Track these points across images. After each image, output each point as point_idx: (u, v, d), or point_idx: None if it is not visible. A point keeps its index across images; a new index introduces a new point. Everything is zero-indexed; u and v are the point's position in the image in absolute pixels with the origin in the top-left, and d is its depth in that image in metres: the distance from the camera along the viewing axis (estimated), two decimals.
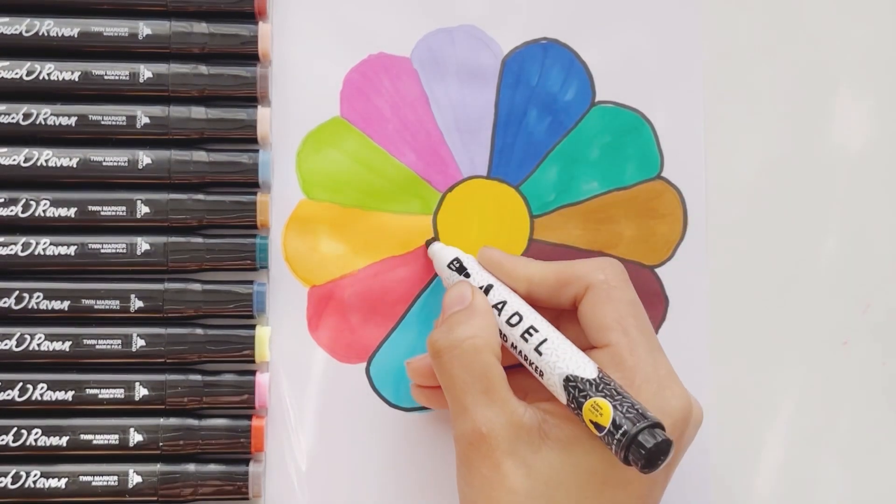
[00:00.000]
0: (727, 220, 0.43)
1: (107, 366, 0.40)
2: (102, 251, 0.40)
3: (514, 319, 0.36)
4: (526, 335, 0.36)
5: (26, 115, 0.41)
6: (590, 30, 0.43)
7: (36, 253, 0.40)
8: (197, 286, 0.41)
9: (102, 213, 0.41)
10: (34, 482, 0.39)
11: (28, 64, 0.41)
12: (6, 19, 0.41)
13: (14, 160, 0.41)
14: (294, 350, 0.42)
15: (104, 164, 0.41)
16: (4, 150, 0.41)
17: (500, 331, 0.37)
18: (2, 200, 0.40)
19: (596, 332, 0.36)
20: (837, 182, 0.44)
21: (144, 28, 0.41)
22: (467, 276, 0.39)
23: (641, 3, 0.44)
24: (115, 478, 0.39)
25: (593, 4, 0.44)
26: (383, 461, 0.41)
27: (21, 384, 0.40)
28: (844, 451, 0.42)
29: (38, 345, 0.40)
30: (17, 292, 0.40)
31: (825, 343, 0.43)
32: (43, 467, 0.39)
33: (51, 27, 0.41)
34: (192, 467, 0.40)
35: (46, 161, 0.41)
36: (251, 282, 0.41)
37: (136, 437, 0.40)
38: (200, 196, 0.41)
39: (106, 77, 0.41)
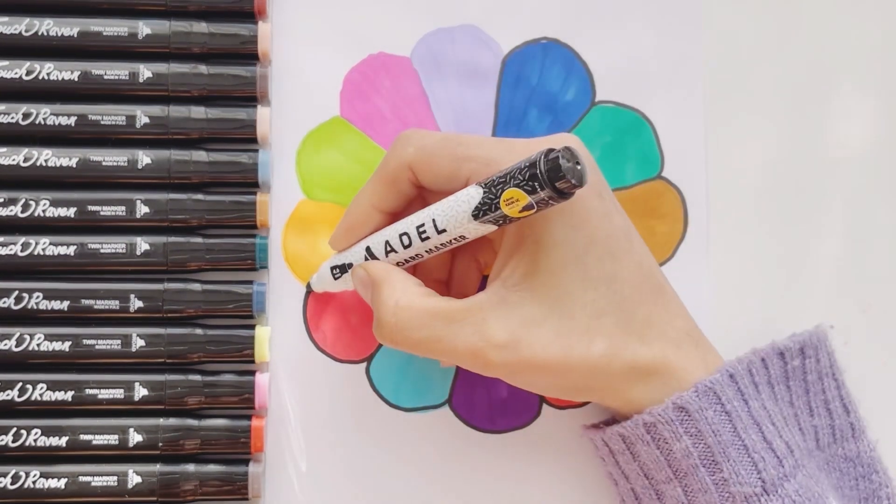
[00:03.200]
0: (727, 219, 0.43)
1: (106, 366, 0.40)
2: (102, 251, 0.40)
3: (405, 240, 0.36)
4: (422, 236, 0.36)
5: (26, 115, 0.41)
6: (590, 30, 0.43)
7: (36, 253, 0.40)
8: (197, 286, 0.41)
9: (102, 213, 0.41)
10: (34, 482, 0.39)
11: (28, 64, 0.41)
12: (6, 19, 0.41)
13: (14, 160, 0.41)
14: (294, 350, 0.42)
15: (104, 163, 0.41)
16: (4, 150, 0.41)
17: (411, 258, 0.37)
18: (1, 200, 0.40)
19: (452, 181, 0.36)
20: (838, 182, 0.44)
21: (144, 28, 0.41)
22: (350, 265, 0.39)
23: (642, 4, 0.44)
24: (115, 478, 0.39)
25: (593, 4, 0.44)
26: (383, 461, 0.41)
27: (21, 384, 0.40)
28: None
29: (38, 345, 0.40)
30: (16, 292, 0.40)
31: None
32: (43, 467, 0.39)
33: (50, 27, 0.41)
34: (191, 467, 0.40)
35: (46, 161, 0.41)
36: (251, 282, 0.41)
37: (135, 438, 0.40)
38: (200, 196, 0.41)
39: (105, 77, 0.41)
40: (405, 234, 0.36)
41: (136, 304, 0.40)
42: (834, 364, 0.40)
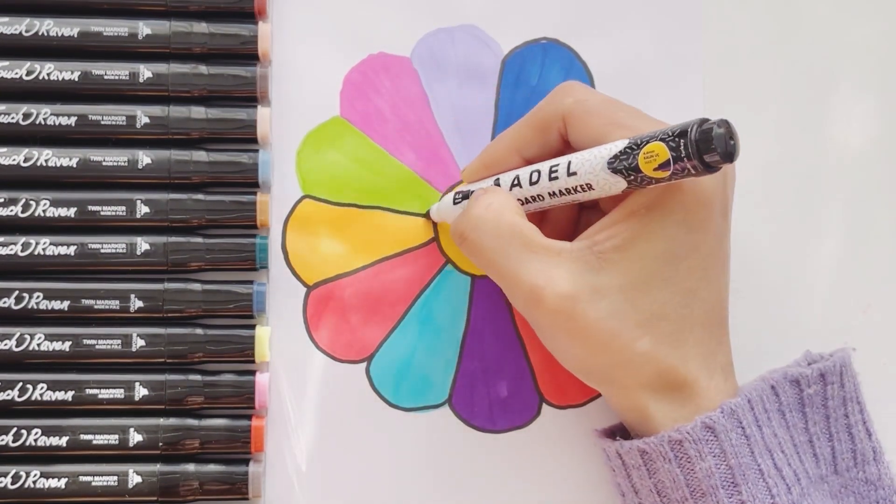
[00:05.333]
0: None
1: (107, 366, 0.40)
2: (102, 251, 0.40)
3: (534, 177, 0.36)
4: (553, 175, 0.35)
5: (26, 115, 0.41)
6: (590, 30, 0.43)
7: (36, 253, 0.40)
8: (197, 286, 0.41)
9: (102, 213, 0.41)
10: (34, 482, 0.39)
11: (28, 64, 0.41)
12: (6, 19, 0.41)
13: (14, 160, 0.41)
14: (294, 350, 0.42)
15: (104, 164, 0.41)
16: (4, 150, 0.41)
17: (532, 198, 0.37)
18: (2, 200, 0.40)
19: (599, 143, 0.35)
20: (838, 182, 0.44)
21: (144, 28, 0.41)
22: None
23: (641, 4, 0.44)
24: (115, 478, 0.39)
25: (593, 4, 0.44)
26: (383, 461, 0.41)
27: (21, 384, 0.40)
28: None
29: (38, 345, 0.40)
30: (17, 292, 0.40)
31: (825, 343, 0.42)
32: (43, 467, 0.39)
33: (51, 27, 0.41)
34: (192, 467, 0.40)
35: (46, 161, 0.41)
36: (251, 282, 0.41)
37: (135, 437, 0.40)
38: (200, 196, 0.41)
39: (106, 77, 0.41)
40: (536, 171, 0.36)
41: (136, 304, 0.40)
42: (857, 388, 0.39)
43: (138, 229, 0.41)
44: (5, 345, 0.40)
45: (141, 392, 0.40)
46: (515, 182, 0.37)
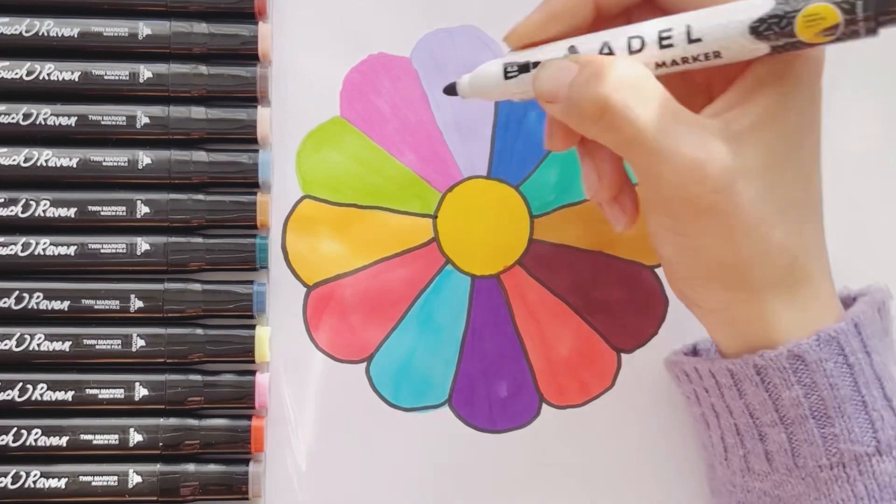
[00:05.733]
0: None
1: (107, 366, 0.40)
2: (102, 251, 0.40)
3: (635, 44, 0.31)
4: (665, 42, 0.31)
5: (26, 115, 0.41)
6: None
7: (36, 253, 0.40)
8: (197, 286, 0.41)
9: (102, 213, 0.41)
10: (34, 482, 0.39)
11: (28, 64, 0.41)
12: (6, 19, 0.41)
13: (14, 160, 0.41)
14: (294, 350, 0.42)
15: (104, 164, 0.41)
16: (4, 150, 0.41)
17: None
18: (2, 200, 0.40)
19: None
20: (837, 182, 0.44)
21: (144, 28, 0.41)
22: (536, 64, 0.33)
23: None
24: (115, 478, 0.39)
25: None
26: (383, 461, 0.41)
27: (21, 384, 0.40)
28: None
29: (38, 345, 0.40)
30: (17, 292, 0.40)
31: None
32: (43, 467, 0.39)
33: (51, 27, 0.41)
34: (192, 467, 0.40)
35: (46, 161, 0.41)
36: (251, 282, 0.41)
37: (136, 437, 0.40)
38: (200, 196, 0.41)
39: (106, 77, 0.41)
40: (637, 36, 0.31)
41: (136, 304, 0.40)
42: None
43: (138, 229, 0.41)
44: (5, 345, 0.40)
45: (141, 392, 0.40)
46: (606, 51, 0.32)
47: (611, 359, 0.42)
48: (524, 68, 0.33)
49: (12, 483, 0.39)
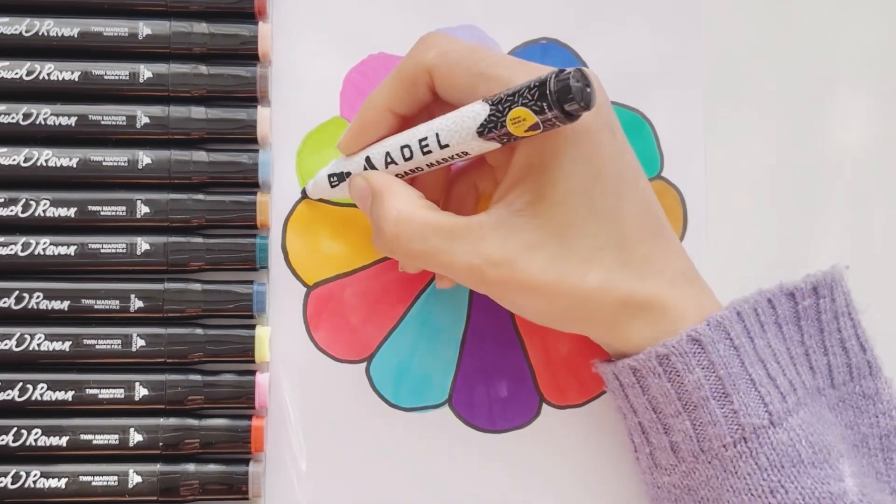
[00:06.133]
0: (727, 220, 0.43)
1: (107, 366, 0.40)
2: (102, 251, 0.40)
3: (406, 153, 0.36)
4: (424, 150, 0.36)
5: (26, 115, 0.41)
6: (589, 30, 0.43)
7: (36, 253, 0.40)
8: (197, 286, 0.41)
9: (102, 213, 0.41)
10: (34, 482, 0.39)
11: (28, 64, 0.41)
12: (6, 19, 0.41)
13: (14, 160, 0.41)
14: (294, 350, 0.42)
15: (104, 164, 0.41)
16: (4, 150, 0.41)
17: (410, 171, 0.37)
18: (2, 200, 0.40)
19: (468, 95, 0.35)
20: (837, 182, 0.44)
21: (144, 28, 0.41)
22: (348, 174, 0.39)
23: (641, 4, 0.44)
24: (115, 478, 0.39)
25: (593, 4, 0.44)
26: (383, 461, 0.41)
27: (21, 384, 0.40)
28: None
29: (38, 345, 0.40)
30: (17, 292, 0.40)
31: None
32: (43, 467, 0.39)
33: (51, 27, 0.41)
34: (192, 467, 0.40)
35: (46, 161, 0.41)
36: (251, 282, 0.41)
37: (136, 437, 0.40)
38: (200, 196, 0.41)
39: (106, 77, 0.41)
40: (406, 146, 0.36)
41: (136, 304, 0.40)
42: (850, 303, 0.40)
43: (138, 229, 0.41)
44: (5, 345, 0.40)
45: (141, 392, 0.40)
46: (389, 160, 0.37)
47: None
48: (341, 178, 0.39)
49: (12, 483, 0.39)
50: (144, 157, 0.41)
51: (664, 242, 0.37)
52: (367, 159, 0.38)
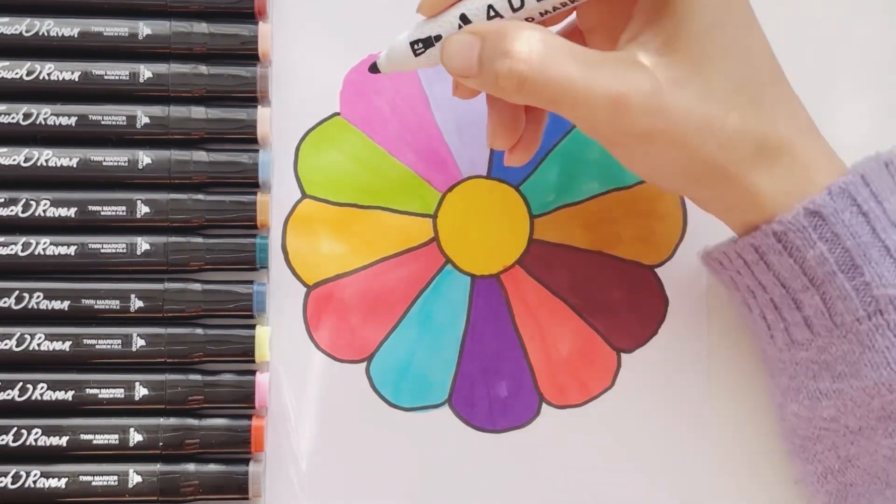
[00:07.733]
0: None
1: (107, 366, 0.40)
2: (102, 251, 0.40)
3: (515, 2, 0.33)
4: None
5: (26, 115, 0.41)
6: None
7: (36, 253, 0.40)
8: (197, 286, 0.41)
9: (102, 213, 0.41)
10: (34, 482, 0.39)
11: (28, 64, 0.41)
12: (6, 19, 0.41)
13: (14, 160, 0.41)
14: (294, 350, 0.42)
15: (104, 164, 0.41)
16: (4, 150, 0.41)
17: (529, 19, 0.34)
18: (2, 200, 0.40)
19: None
20: None
21: (144, 28, 0.41)
22: (438, 37, 0.35)
23: None
24: (115, 478, 0.39)
25: None
26: (383, 461, 0.41)
27: (21, 384, 0.40)
28: None
29: (38, 345, 0.40)
30: (17, 292, 0.40)
31: None
32: (43, 467, 0.39)
33: (51, 27, 0.41)
34: (192, 467, 0.40)
35: (46, 161, 0.41)
36: (251, 282, 0.41)
37: (136, 437, 0.40)
38: (200, 196, 0.41)
39: (106, 77, 0.41)
40: None
41: (136, 303, 0.40)
42: None
43: (138, 229, 0.41)
44: (5, 345, 0.40)
45: (141, 392, 0.40)
46: (492, 14, 0.33)
47: (611, 359, 0.42)
48: (427, 43, 0.35)
49: (12, 483, 0.39)
50: (144, 157, 0.41)
51: (789, 89, 0.35)
52: (463, 17, 0.33)
